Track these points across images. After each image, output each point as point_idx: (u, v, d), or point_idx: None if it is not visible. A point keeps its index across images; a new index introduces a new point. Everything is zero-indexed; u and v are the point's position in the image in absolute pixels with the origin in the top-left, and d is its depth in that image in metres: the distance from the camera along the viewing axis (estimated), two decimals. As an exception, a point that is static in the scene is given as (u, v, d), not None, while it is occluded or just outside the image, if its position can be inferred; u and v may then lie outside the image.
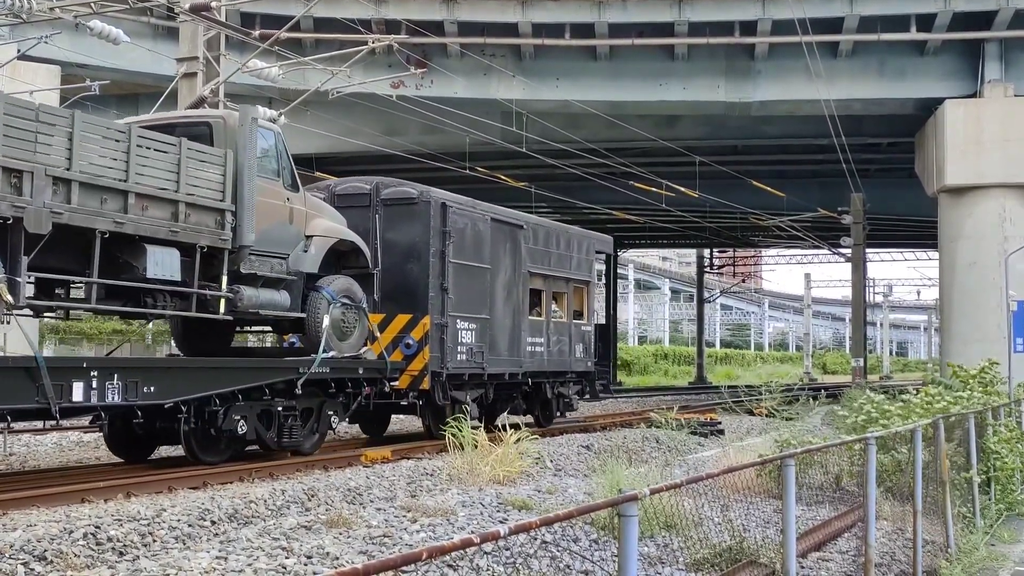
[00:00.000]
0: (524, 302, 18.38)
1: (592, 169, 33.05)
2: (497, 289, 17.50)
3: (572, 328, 20.28)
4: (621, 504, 4.31)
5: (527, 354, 18.38)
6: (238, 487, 11.41)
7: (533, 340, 18.62)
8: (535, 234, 19.08)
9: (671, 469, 14.05)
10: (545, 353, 19.08)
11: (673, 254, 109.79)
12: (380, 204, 16.28)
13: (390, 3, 27.19)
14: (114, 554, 8.17)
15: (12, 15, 19.31)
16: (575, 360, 20.33)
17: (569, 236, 20.65)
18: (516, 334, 18.05)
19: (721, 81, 28.38)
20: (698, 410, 26.79)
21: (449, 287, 16.12)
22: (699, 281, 66.33)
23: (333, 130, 27.24)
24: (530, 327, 18.56)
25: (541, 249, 19.16)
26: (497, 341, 17.44)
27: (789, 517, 7.02)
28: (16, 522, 8.59)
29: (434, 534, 8.75)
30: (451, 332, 16.12)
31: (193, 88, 18.14)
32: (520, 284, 18.26)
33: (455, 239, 16.38)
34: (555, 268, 19.64)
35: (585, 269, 20.92)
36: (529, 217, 19.71)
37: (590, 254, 21.31)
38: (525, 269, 18.43)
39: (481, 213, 17.26)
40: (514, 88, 27.70)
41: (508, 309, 17.84)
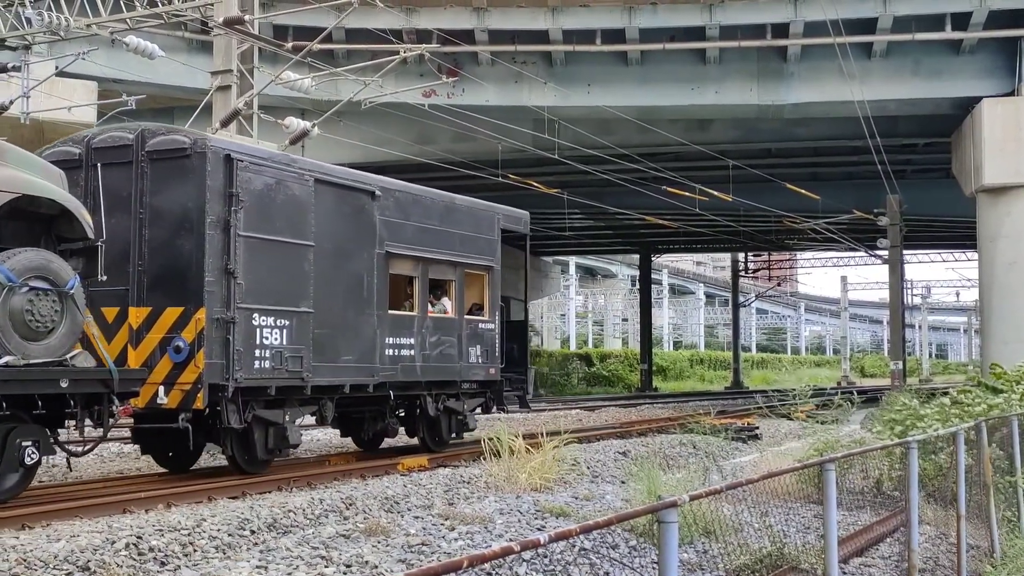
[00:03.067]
0: (380, 292, 14.37)
1: (624, 174, 32.98)
2: (327, 274, 13.49)
3: (465, 326, 16.18)
4: (661, 511, 4.29)
5: (386, 359, 14.43)
6: (276, 496, 11.46)
7: (396, 341, 14.65)
8: (398, 204, 14.91)
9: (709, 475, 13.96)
10: (418, 358, 15.05)
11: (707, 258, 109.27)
12: (146, 158, 12.35)
13: (421, 13, 27.31)
14: (156, 564, 8.23)
15: (50, 32, 19.61)
16: (470, 367, 16.25)
17: (455, 208, 16.30)
18: (366, 333, 14.09)
19: (753, 84, 28.24)
20: (735, 415, 26.63)
21: (238, 270, 12.15)
22: (734, 285, 65.97)
23: (366, 140, 27.39)
24: (392, 325, 14.57)
25: (410, 224, 15.08)
26: (329, 342, 13.47)
27: (830, 522, 6.95)
28: (60, 532, 8.68)
29: (472, 542, 8.75)
30: (243, 330, 12.19)
31: (227, 101, 18.30)
32: (373, 268, 14.26)
33: (249, 205, 12.36)
34: (435, 249, 15.58)
35: (487, 251, 16.82)
36: (388, 181, 15.25)
37: (493, 232, 17.04)
38: (382, 249, 14.42)
39: (297, 171, 13.18)
40: (545, 95, 27.73)
41: (350, 301, 13.90)
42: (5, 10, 20.03)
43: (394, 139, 28.60)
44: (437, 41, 25.21)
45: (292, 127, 18.81)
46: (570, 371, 64.28)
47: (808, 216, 39.07)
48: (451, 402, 16.12)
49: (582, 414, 31.71)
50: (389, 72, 20.32)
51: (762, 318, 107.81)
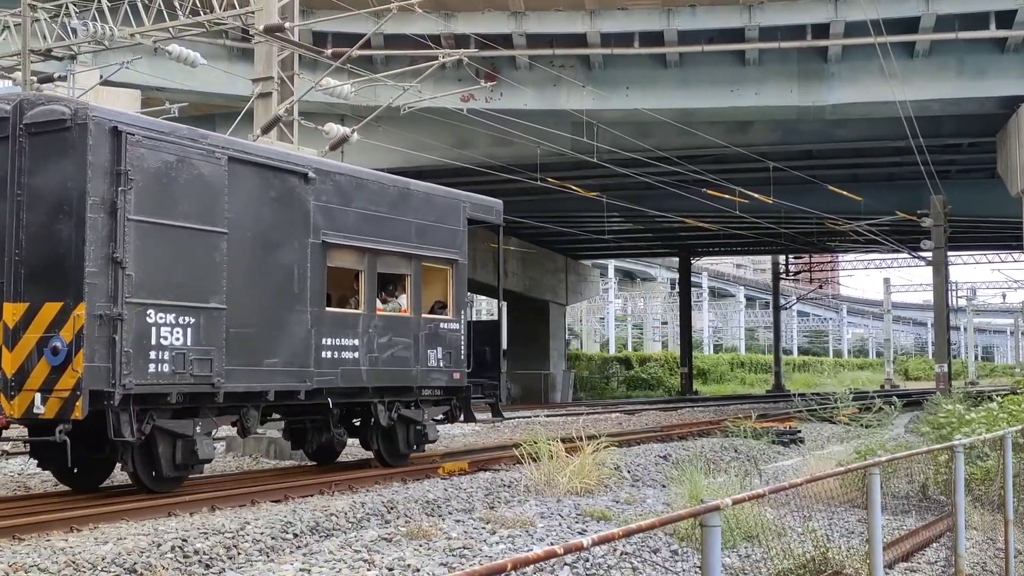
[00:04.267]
0: (315, 287, 12.83)
1: (663, 177, 32.87)
2: (246, 265, 11.98)
3: (424, 326, 14.56)
4: (703, 514, 4.27)
5: (323, 363, 12.87)
6: (319, 500, 11.55)
7: (337, 342, 13.11)
8: (338, 188, 13.28)
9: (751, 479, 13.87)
10: (364, 361, 13.48)
11: (747, 261, 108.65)
12: (24, 132, 10.92)
13: (459, 17, 27.40)
14: (200, 567, 8.32)
15: (95, 42, 19.92)
16: (430, 371, 14.63)
17: (410, 194, 14.50)
18: (296, 333, 12.52)
19: (794, 85, 28.04)
20: (776, 418, 26.44)
21: (127, 259, 10.64)
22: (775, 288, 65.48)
23: (405, 145, 27.51)
24: (331, 324, 13.05)
25: (354, 211, 13.46)
26: (248, 343, 11.90)
27: (875, 527, 6.88)
28: (107, 535, 8.81)
29: (513, 545, 8.76)
30: (133, 329, 10.66)
31: (268, 107, 18.49)
32: (306, 260, 12.72)
33: (142, 184, 10.86)
34: (385, 239, 13.95)
35: (450, 243, 15.16)
36: (325, 162, 13.84)
37: (458, 222, 15.35)
38: (317, 238, 12.86)
39: (206, 148, 11.60)
40: (584, 98, 27.71)
41: (276, 296, 12.39)
42: (52, 21, 20.37)
43: (433, 144, 28.71)
44: (475, 45, 25.32)
45: (332, 133, 18.99)
46: (609, 375, 64.15)
47: (850, 218, 38.72)
48: (408, 411, 14.50)
49: (622, 417, 31.65)
50: (427, 77, 20.42)
51: (803, 321, 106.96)
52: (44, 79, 19.81)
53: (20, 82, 19.22)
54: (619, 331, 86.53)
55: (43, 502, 11.28)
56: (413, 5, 18.18)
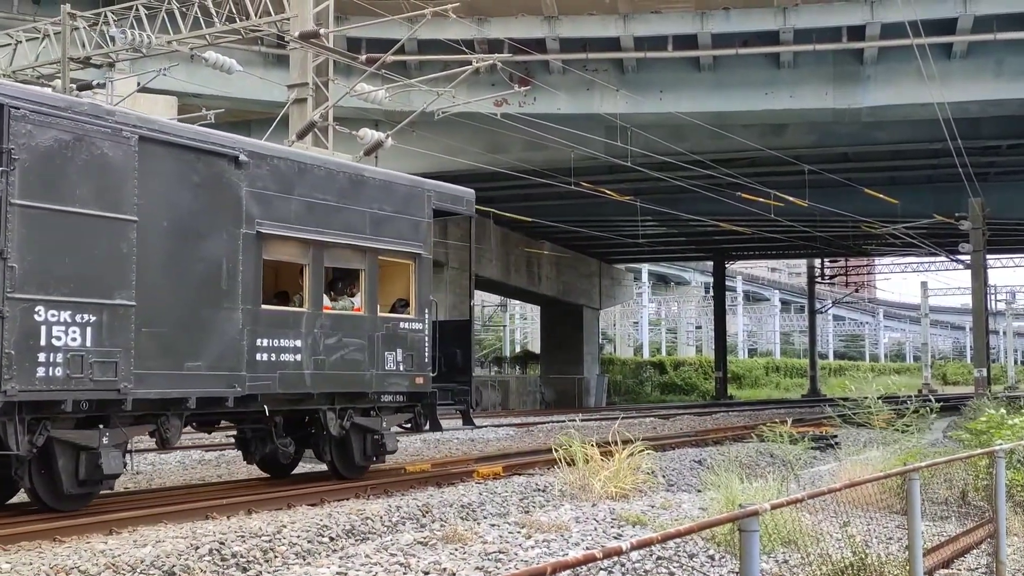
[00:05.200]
0: (248, 282, 11.69)
1: (697, 181, 32.75)
2: (161, 258, 10.84)
3: (380, 326, 13.39)
4: (742, 519, 4.25)
5: (258, 366, 11.68)
6: (354, 504, 11.59)
7: (275, 343, 11.94)
8: (276, 173, 12.11)
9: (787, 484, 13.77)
10: (308, 364, 12.32)
11: (782, 265, 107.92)
12: None
13: (492, 22, 27.45)
14: (238, 570, 8.38)
15: (133, 50, 20.15)
16: (387, 375, 13.43)
17: (364, 182, 13.27)
18: (224, 333, 11.36)
19: (829, 88, 27.85)
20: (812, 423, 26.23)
21: (9, 249, 9.63)
22: (810, 292, 65.02)
23: (438, 150, 27.60)
24: (267, 323, 11.90)
25: (296, 198, 12.33)
26: (163, 344, 10.76)
27: (915, 532, 6.81)
28: (146, 538, 8.89)
29: (549, 550, 8.74)
30: (18, 328, 9.62)
31: (303, 113, 18.61)
32: (237, 253, 11.57)
33: (30, 165, 9.84)
34: (334, 230, 12.80)
35: (412, 235, 13.95)
36: (260, 144, 12.55)
37: (422, 213, 14.15)
38: (250, 229, 11.71)
39: (112, 127, 10.47)
40: (617, 102, 27.67)
41: (200, 292, 11.21)
42: (91, 29, 20.63)
43: (466, 148, 28.79)
44: (508, 50, 25.37)
45: (366, 138, 19.06)
46: (643, 379, 63.97)
47: (886, 220, 38.39)
48: (363, 419, 13.39)
49: (656, 422, 31.55)
50: (461, 82, 20.46)
51: (839, 325, 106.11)
52: (83, 86, 20.04)
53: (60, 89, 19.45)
54: (653, 335, 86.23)
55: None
56: (447, 10, 18.23)
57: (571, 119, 28.05)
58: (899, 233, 40.29)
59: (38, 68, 21.47)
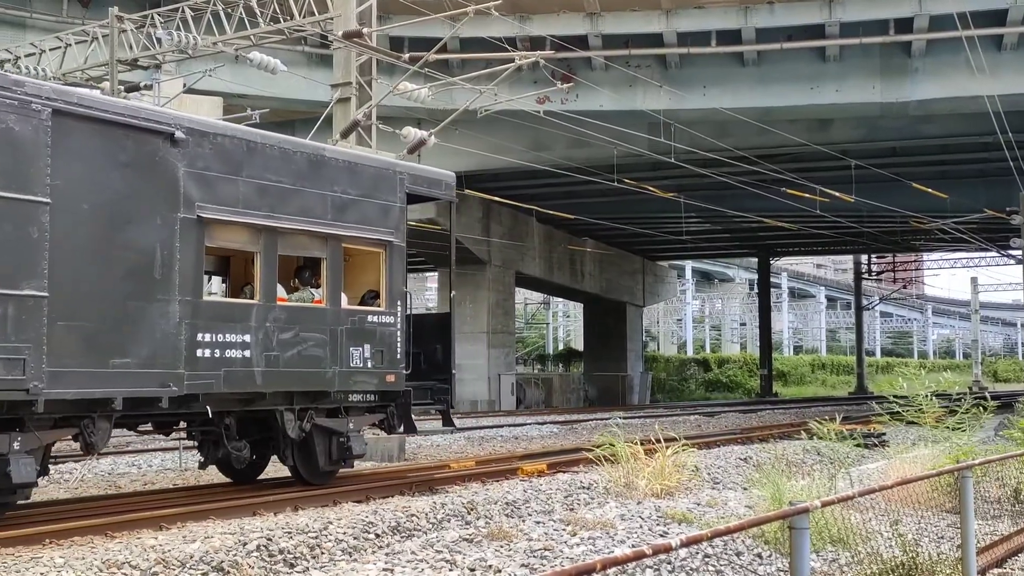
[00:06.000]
0: (187, 271, 10.64)
1: (742, 177, 32.50)
2: (80, 244, 9.80)
3: (344, 319, 12.31)
4: (792, 516, 4.19)
5: (199, 363, 10.65)
6: (399, 501, 11.63)
7: (220, 339, 10.91)
8: (221, 153, 11.06)
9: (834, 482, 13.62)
10: (259, 361, 11.26)
11: (828, 261, 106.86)
12: None
13: (534, 20, 27.42)
14: (285, 565, 8.44)
15: (179, 51, 20.38)
16: (353, 373, 12.34)
17: (325, 162, 12.19)
18: (158, 328, 10.33)
19: (876, 81, 27.50)
20: (859, 421, 25.95)
21: None
22: (857, 288, 64.34)
23: (481, 147, 27.62)
24: (210, 316, 10.87)
25: (244, 180, 11.24)
26: (83, 340, 9.75)
27: (968, 531, 6.70)
28: (194, 534, 8.98)
29: (594, 547, 8.71)
30: None
31: (347, 112, 18.71)
32: (174, 239, 10.52)
33: None
34: (289, 215, 11.69)
35: (381, 221, 12.80)
36: (201, 121, 11.47)
37: (393, 197, 12.97)
38: (190, 213, 10.67)
39: (19, 99, 9.41)
40: (660, 98, 27.54)
41: (128, 282, 10.16)
42: (138, 32, 20.90)
43: (509, 146, 28.79)
44: (551, 47, 25.34)
45: (410, 137, 19.13)
46: (687, 376, 63.68)
47: (935, 216, 37.85)
48: (326, 420, 12.36)
49: (700, 419, 31.38)
50: (504, 80, 20.46)
51: (887, 321, 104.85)
52: (131, 88, 20.31)
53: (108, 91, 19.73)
54: (697, 333, 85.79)
55: (133, 501, 11.55)
56: (489, 8, 18.24)
57: (614, 116, 27.95)
58: (948, 228, 39.72)
59: (87, 71, 21.79)
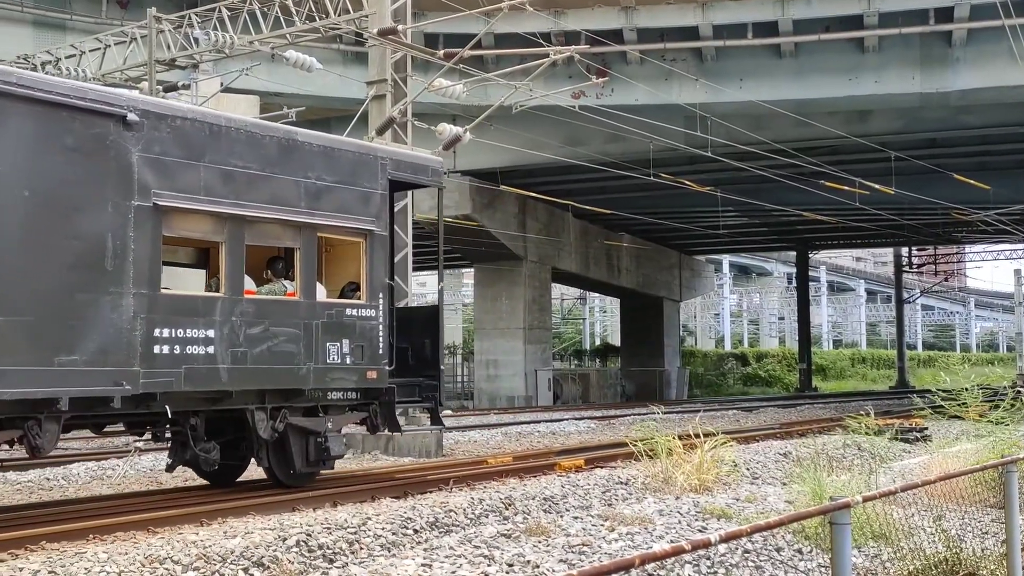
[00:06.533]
0: (142, 262, 9.96)
1: (780, 170, 32.25)
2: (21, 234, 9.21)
3: (320, 313, 11.67)
4: (833, 512, 4.15)
5: (160, 360, 10.04)
6: (437, 496, 11.66)
7: (180, 334, 10.27)
8: (179, 136, 10.38)
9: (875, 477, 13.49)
10: (224, 357, 10.63)
11: (867, 254, 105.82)
12: None
13: (569, 14, 27.36)
14: (324, 561, 8.49)
15: (216, 51, 20.53)
16: (332, 370, 11.73)
17: (297, 147, 11.49)
18: (110, 323, 9.64)
19: (916, 72, 27.17)
20: (901, 415, 25.69)
21: None
22: (897, 281, 63.69)
23: (517, 143, 27.61)
24: (171, 310, 10.23)
25: (206, 166, 10.58)
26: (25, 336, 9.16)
27: (1013, 526, 6.61)
28: (235, 529, 9.05)
29: (633, 543, 8.68)
30: None
31: (383, 109, 18.78)
32: (127, 228, 9.84)
33: None
34: (260, 204, 11.04)
35: (361, 209, 12.12)
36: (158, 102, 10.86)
37: (374, 183, 12.28)
38: (145, 200, 9.99)
39: None
40: (696, 91, 27.38)
41: (76, 274, 9.51)
42: (175, 32, 21.08)
43: (545, 141, 28.75)
44: (585, 42, 25.24)
45: (445, 133, 19.17)
46: (725, 371, 63.35)
47: (977, 207, 37.37)
48: (302, 419, 11.72)
49: (739, 415, 31.20)
50: (538, 75, 20.42)
51: (928, 315, 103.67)
52: (169, 88, 20.51)
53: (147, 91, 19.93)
54: (734, 327, 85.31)
55: (174, 496, 11.68)
56: (524, 4, 18.21)
57: (649, 110, 27.83)
58: (991, 220, 39.20)
59: (126, 71, 22.02)
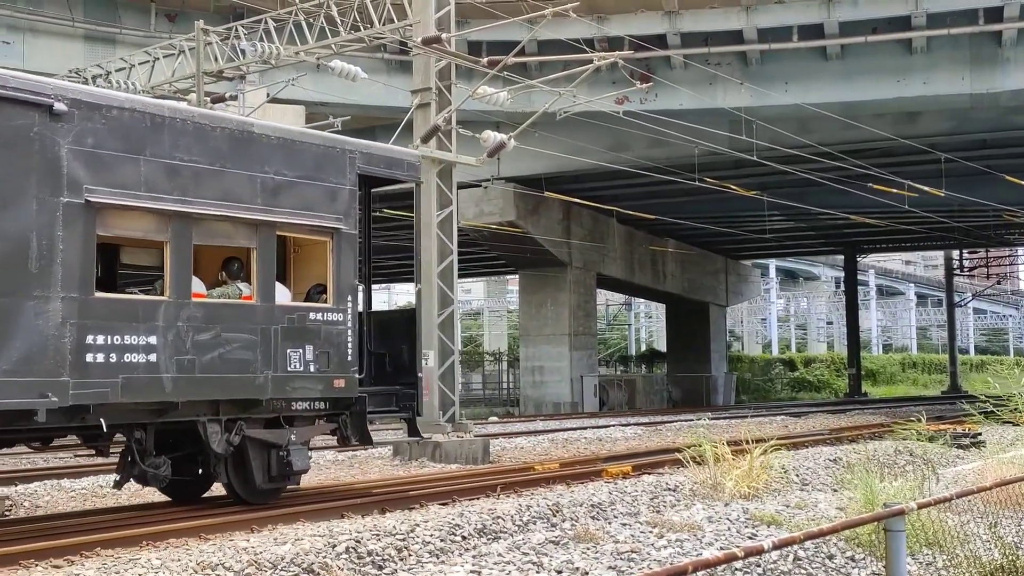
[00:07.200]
0: (73, 264, 9.25)
1: (826, 173, 31.94)
2: None
3: (280, 318, 10.91)
4: (887, 518, 4.10)
5: (94, 370, 9.30)
6: (484, 503, 11.68)
7: (118, 341, 9.51)
8: (117, 128, 9.65)
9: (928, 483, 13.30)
10: (169, 366, 9.90)
11: (917, 257, 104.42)
12: None
13: (612, 20, 27.32)
14: (373, 567, 8.53)
15: (262, 62, 20.77)
16: (293, 379, 10.95)
17: (253, 140, 10.75)
18: (33, 330, 9.00)
19: (965, 72, 26.80)
20: (953, 420, 25.31)
21: None
22: (948, 285, 62.79)
23: (560, 149, 27.61)
24: (107, 316, 9.49)
25: (148, 159, 9.84)
26: None
27: (1072, 534, 6.48)
28: (285, 536, 9.13)
29: (682, 549, 8.64)
30: None
31: (427, 117, 18.87)
32: (54, 227, 9.17)
33: None
34: (210, 200, 10.33)
35: (327, 206, 11.39)
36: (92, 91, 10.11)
37: (342, 179, 11.55)
38: (76, 197, 9.29)
39: None
40: (741, 95, 27.21)
41: None
42: (222, 44, 21.35)
43: (588, 147, 28.72)
44: (629, 47, 25.23)
45: (489, 140, 19.23)
46: (773, 376, 62.79)
47: (1030, 209, 36.74)
48: (261, 431, 10.98)
49: (787, 420, 30.92)
50: (582, 81, 20.42)
51: (980, 318, 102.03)
52: (216, 99, 20.78)
53: (194, 102, 20.21)
54: (782, 332, 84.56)
55: (224, 504, 11.79)
56: (567, 10, 18.22)
57: (694, 114, 27.70)
58: (1044, 221, 38.53)
59: (174, 83, 22.34)
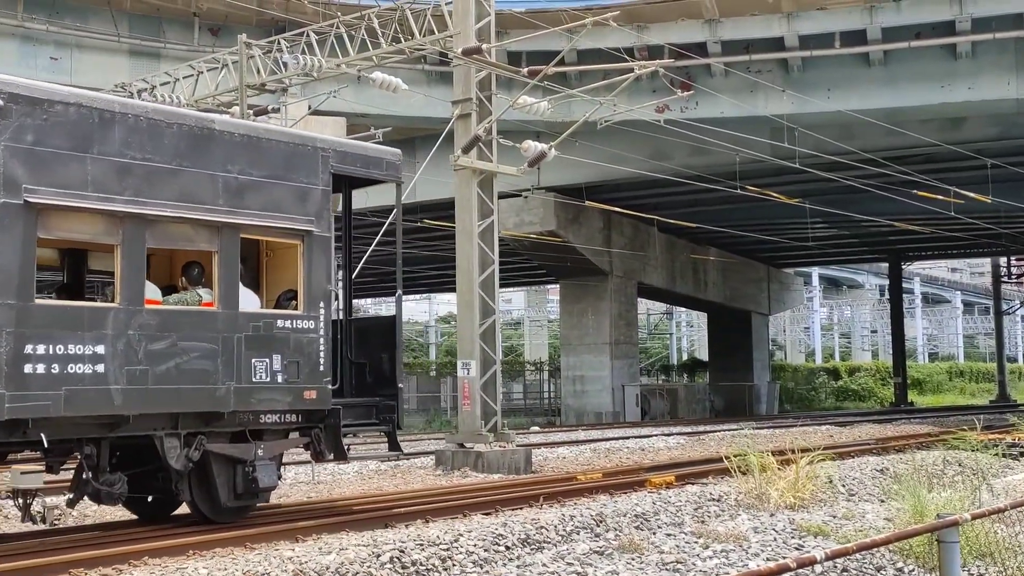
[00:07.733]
0: (9, 269, 8.77)
1: (870, 180, 31.62)
2: None
3: (244, 325, 10.29)
4: (941, 529, 4.04)
5: (32, 382, 8.80)
6: (528, 513, 11.66)
7: (60, 351, 8.97)
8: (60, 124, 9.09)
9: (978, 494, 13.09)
10: (118, 377, 9.29)
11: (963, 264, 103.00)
12: None
13: (652, 28, 27.27)
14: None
15: (304, 74, 20.95)
16: (259, 390, 10.33)
17: (215, 137, 10.15)
18: None
19: (1011, 77, 26.43)
20: (1002, 430, 24.91)
21: None
22: (996, 292, 61.89)
23: (601, 158, 27.56)
24: (48, 324, 8.95)
25: (95, 157, 9.28)
26: None
27: None
28: (330, 546, 9.16)
29: (728, 560, 8.56)
30: None
31: (468, 128, 18.92)
32: None
33: None
34: (165, 201, 9.71)
35: (297, 207, 10.74)
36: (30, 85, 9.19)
37: (313, 178, 10.90)
38: (13, 198, 8.80)
39: None
40: (783, 103, 27.03)
41: None
42: (265, 57, 21.57)
43: (629, 156, 28.65)
44: (669, 56, 25.11)
45: (529, 150, 19.24)
46: (816, 385, 62.20)
47: (1079, 214, 36.13)
48: (224, 446, 10.33)
49: (832, 430, 30.58)
50: (622, 90, 20.37)
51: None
52: (259, 111, 20.98)
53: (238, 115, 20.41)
54: (825, 340, 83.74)
55: (270, 513, 11.86)
56: (607, 19, 18.21)
57: (735, 122, 27.56)
58: (1093, 227, 37.87)
59: (218, 96, 22.59)
